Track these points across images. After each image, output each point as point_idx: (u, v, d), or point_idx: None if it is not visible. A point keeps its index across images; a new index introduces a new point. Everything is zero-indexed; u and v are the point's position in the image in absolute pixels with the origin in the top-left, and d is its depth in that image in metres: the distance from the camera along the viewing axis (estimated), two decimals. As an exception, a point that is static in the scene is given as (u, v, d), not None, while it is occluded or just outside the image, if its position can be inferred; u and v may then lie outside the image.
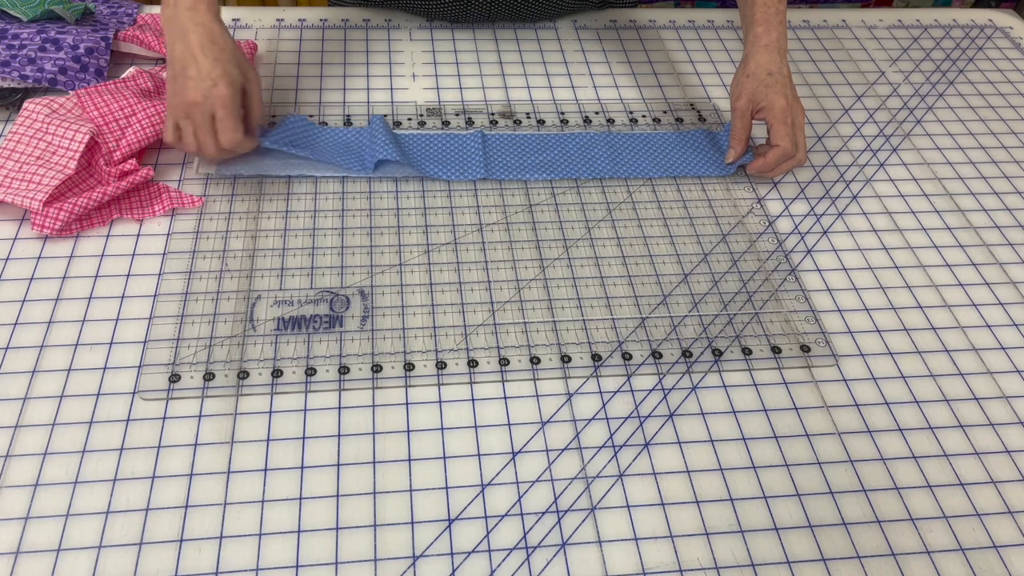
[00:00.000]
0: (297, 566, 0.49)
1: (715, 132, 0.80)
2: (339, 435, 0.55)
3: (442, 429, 0.56)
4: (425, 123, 0.79)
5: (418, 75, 0.85)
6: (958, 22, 1.01)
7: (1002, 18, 1.02)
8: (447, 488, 0.53)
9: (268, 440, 0.54)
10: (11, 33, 0.77)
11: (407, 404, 0.57)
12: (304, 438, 0.55)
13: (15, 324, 0.60)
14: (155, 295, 0.62)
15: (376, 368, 0.59)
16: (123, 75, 0.75)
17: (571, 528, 0.51)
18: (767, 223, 0.72)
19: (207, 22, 0.66)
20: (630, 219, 0.71)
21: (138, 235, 0.67)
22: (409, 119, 0.79)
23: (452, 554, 0.50)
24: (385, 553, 0.49)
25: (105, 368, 0.57)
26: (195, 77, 0.64)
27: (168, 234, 0.67)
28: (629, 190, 0.74)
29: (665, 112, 0.83)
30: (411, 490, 0.52)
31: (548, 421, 0.57)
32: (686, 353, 0.61)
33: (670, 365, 0.61)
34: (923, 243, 0.72)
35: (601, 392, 0.59)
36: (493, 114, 0.81)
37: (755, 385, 0.60)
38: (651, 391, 0.59)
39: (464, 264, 0.66)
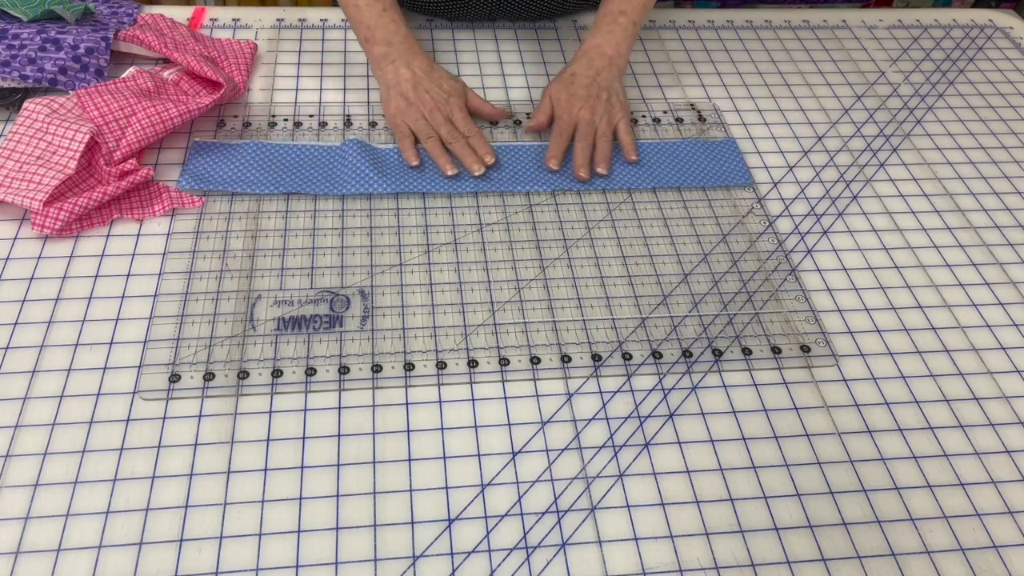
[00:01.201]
0: (297, 566, 0.49)
1: (707, 141, 0.79)
2: (339, 435, 0.55)
3: (442, 429, 0.56)
4: (425, 123, 0.79)
5: (418, 75, 0.85)
6: (958, 22, 1.01)
7: (1002, 18, 1.02)
8: (447, 488, 0.53)
9: (268, 440, 0.54)
10: (11, 33, 0.77)
11: (407, 404, 0.57)
12: (304, 438, 0.55)
13: (15, 324, 0.60)
14: (155, 295, 0.62)
15: (376, 368, 0.59)
16: (123, 75, 0.75)
17: (571, 528, 0.51)
18: (767, 223, 0.72)
19: (419, 51, 0.78)
20: (630, 219, 0.71)
21: (138, 235, 0.67)
22: (409, 119, 0.79)
23: (452, 554, 0.50)
24: (385, 553, 0.49)
25: (105, 368, 0.57)
26: (428, 90, 0.76)
27: (168, 234, 0.67)
28: (629, 190, 0.74)
29: (665, 112, 0.83)
30: (411, 490, 0.52)
31: (548, 421, 0.57)
32: (686, 353, 0.61)
33: (670, 365, 0.61)
34: (923, 243, 0.72)
35: (601, 392, 0.59)
36: (493, 114, 0.81)
37: (755, 385, 0.60)
38: (651, 391, 0.59)
39: (464, 264, 0.66)
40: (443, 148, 0.74)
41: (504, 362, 0.60)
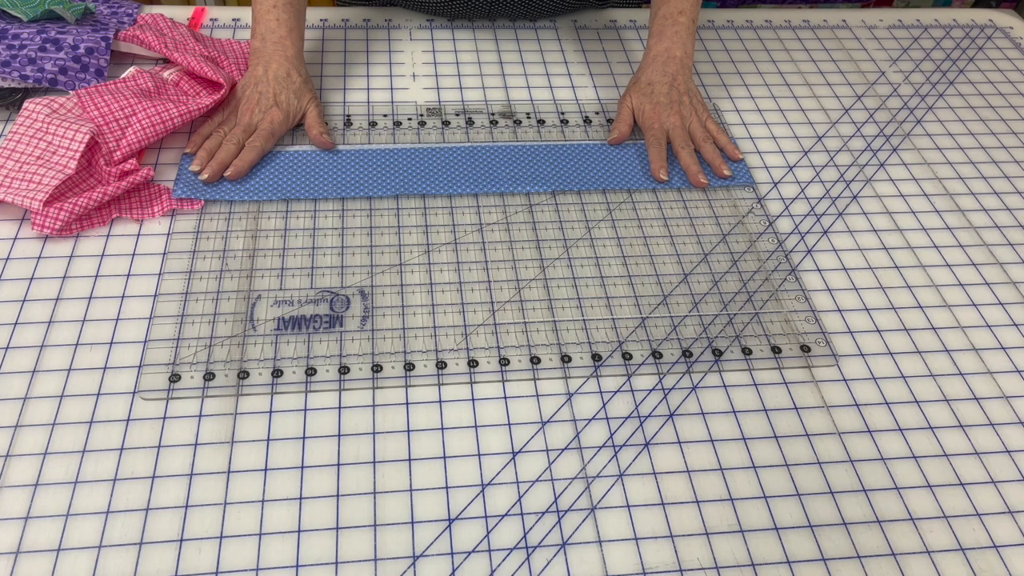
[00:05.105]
0: (297, 566, 0.49)
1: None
2: (339, 435, 0.55)
3: (442, 429, 0.56)
4: (425, 123, 0.79)
5: (418, 75, 0.85)
6: (958, 22, 1.01)
7: (1002, 18, 1.02)
8: (447, 488, 0.53)
9: (268, 440, 0.54)
10: (11, 33, 0.77)
11: (407, 404, 0.57)
12: (304, 438, 0.55)
13: (15, 324, 0.60)
14: (155, 295, 0.62)
15: (376, 368, 0.59)
16: (123, 75, 0.75)
17: (571, 528, 0.51)
18: (767, 223, 0.72)
19: (291, 56, 0.76)
20: (630, 219, 0.71)
21: (138, 235, 0.67)
22: (409, 119, 0.79)
23: (452, 554, 0.50)
24: (385, 553, 0.50)
25: (105, 368, 0.57)
26: (262, 94, 0.74)
27: (168, 234, 0.67)
28: (629, 190, 0.74)
29: (665, 112, 0.83)
30: (411, 490, 0.52)
31: (548, 421, 0.57)
32: (686, 353, 0.61)
33: (670, 365, 0.61)
34: (923, 243, 0.72)
35: (601, 392, 0.59)
36: (493, 114, 0.81)
37: (755, 385, 0.60)
38: (651, 391, 0.59)
39: (464, 264, 0.66)
40: (221, 146, 0.72)
41: (504, 362, 0.60)
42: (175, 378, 0.57)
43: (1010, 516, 0.54)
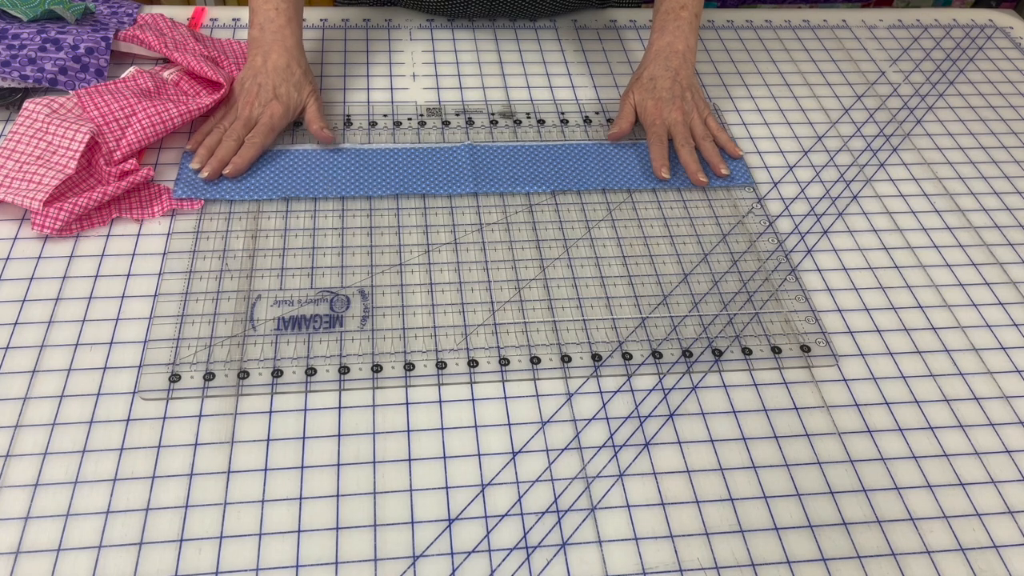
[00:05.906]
0: (297, 566, 0.49)
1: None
2: (339, 435, 0.55)
3: (442, 429, 0.56)
4: (425, 123, 0.79)
5: (418, 75, 0.85)
6: (958, 22, 1.01)
7: (1002, 18, 1.02)
8: (447, 488, 0.53)
9: (268, 440, 0.54)
10: (11, 33, 0.77)
11: (407, 404, 0.57)
12: (304, 438, 0.55)
13: (15, 324, 0.60)
14: (155, 295, 0.62)
15: (376, 368, 0.59)
16: (123, 75, 0.75)
17: (571, 528, 0.51)
18: (767, 223, 0.72)
19: (290, 46, 0.76)
20: (630, 219, 0.71)
21: (138, 235, 0.67)
22: (409, 119, 0.79)
23: (452, 554, 0.50)
24: (385, 553, 0.50)
25: (105, 368, 0.57)
26: (262, 86, 0.74)
27: (168, 234, 0.67)
28: (629, 190, 0.74)
29: (665, 112, 0.83)
30: (411, 490, 0.52)
31: (548, 421, 0.57)
32: (686, 353, 0.61)
33: (670, 365, 0.61)
34: (923, 243, 0.72)
35: (601, 392, 0.59)
36: (493, 114, 0.81)
37: (755, 385, 0.60)
38: (651, 391, 0.59)
39: (464, 264, 0.66)
40: (221, 142, 0.72)
41: (504, 362, 0.60)
42: (175, 378, 0.57)
43: (1010, 516, 0.54)
